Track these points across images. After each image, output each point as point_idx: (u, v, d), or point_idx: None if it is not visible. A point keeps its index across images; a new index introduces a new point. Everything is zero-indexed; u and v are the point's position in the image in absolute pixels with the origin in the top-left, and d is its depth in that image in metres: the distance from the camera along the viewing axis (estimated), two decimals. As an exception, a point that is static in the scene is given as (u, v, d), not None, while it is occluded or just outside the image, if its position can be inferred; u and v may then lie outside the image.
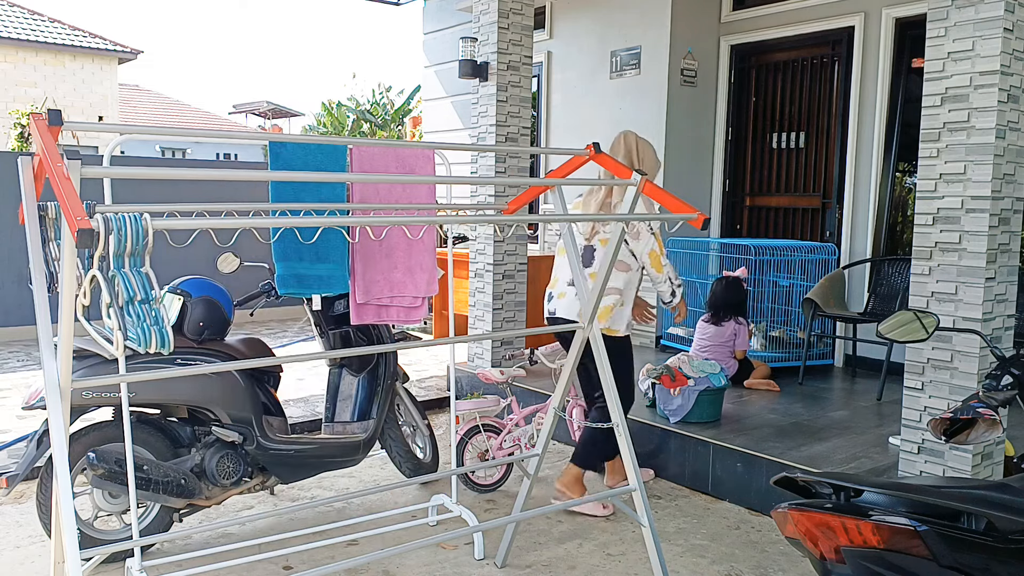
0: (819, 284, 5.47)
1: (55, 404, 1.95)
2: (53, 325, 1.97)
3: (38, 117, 1.91)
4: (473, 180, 2.83)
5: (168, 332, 1.75)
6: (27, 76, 17.79)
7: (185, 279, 3.46)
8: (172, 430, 3.36)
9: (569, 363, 3.03)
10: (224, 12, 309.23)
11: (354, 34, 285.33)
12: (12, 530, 3.58)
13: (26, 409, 3.15)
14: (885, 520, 1.59)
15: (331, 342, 3.78)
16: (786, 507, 1.76)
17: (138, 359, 3.10)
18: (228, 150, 27.38)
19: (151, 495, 3.07)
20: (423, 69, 9.10)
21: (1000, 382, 2.20)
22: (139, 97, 26.43)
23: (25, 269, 6.91)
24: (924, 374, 3.44)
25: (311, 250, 3.12)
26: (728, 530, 3.65)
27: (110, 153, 2.83)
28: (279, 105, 24.89)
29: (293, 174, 2.78)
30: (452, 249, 3.61)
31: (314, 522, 3.63)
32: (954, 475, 3.36)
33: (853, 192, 5.92)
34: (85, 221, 1.61)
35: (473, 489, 4.05)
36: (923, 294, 3.43)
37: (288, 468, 3.50)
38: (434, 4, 8.76)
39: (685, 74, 6.49)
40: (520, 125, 5.64)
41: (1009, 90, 3.24)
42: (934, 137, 3.40)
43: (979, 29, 3.22)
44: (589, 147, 2.85)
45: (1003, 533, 1.59)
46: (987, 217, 3.25)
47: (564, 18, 7.42)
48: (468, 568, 3.27)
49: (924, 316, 2.41)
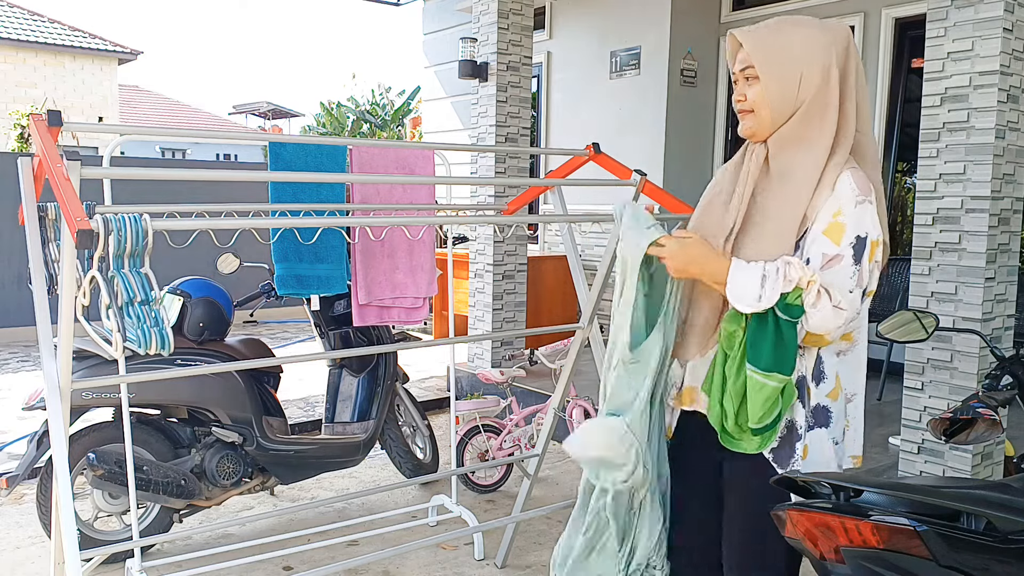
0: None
1: (55, 405, 1.95)
2: (53, 326, 1.97)
3: (38, 118, 1.91)
4: (473, 180, 2.83)
5: (168, 333, 1.75)
6: (27, 77, 17.78)
7: (185, 280, 3.46)
8: (172, 431, 3.36)
9: (569, 363, 3.03)
10: (224, 12, 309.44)
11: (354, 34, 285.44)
12: (12, 530, 3.58)
13: (26, 410, 3.15)
14: (885, 520, 1.59)
15: (331, 342, 3.78)
16: (786, 507, 1.76)
17: (138, 360, 3.10)
18: (228, 150, 27.39)
19: (151, 496, 3.07)
20: (423, 69, 9.10)
21: (1000, 382, 2.20)
22: (139, 97, 26.43)
23: (25, 270, 6.91)
24: (924, 374, 3.44)
25: (311, 250, 3.12)
26: (728, 530, 3.65)
27: (110, 154, 2.83)
28: (279, 106, 24.89)
29: (293, 174, 2.78)
30: (452, 249, 3.61)
31: (314, 522, 3.63)
32: (954, 475, 3.36)
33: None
34: (85, 222, 1.61)
35: (473, 489, 4.05)
36: (923, 294, 3.43)
37: (288, 468, 3.50)
38: (434, 4, 8.76)
39: (685, 74, 6.49)
40: (520, 125, 5.64)
41: (1008, 90, 3.24)
42: (934, 137, 3.40)
43: (979, 29, 3.22)
44: (589, 147, 2.85)
45: (1003, 533, 1.59)
46: (987, 217, 3.25)
47: (564, 18, 7.42)
48: (468, 568, 3.27)
49: (924, 316, 2.41)
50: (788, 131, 1.75)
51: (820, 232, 1.68)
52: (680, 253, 1.73)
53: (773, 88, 1.73)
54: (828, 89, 1.72)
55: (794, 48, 1.73)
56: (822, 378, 1.77)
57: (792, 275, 1.62)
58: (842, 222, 1.67)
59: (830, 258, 1.66)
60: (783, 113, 1.74)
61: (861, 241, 1.67)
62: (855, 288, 1.66)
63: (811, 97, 1.72)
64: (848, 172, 1.70)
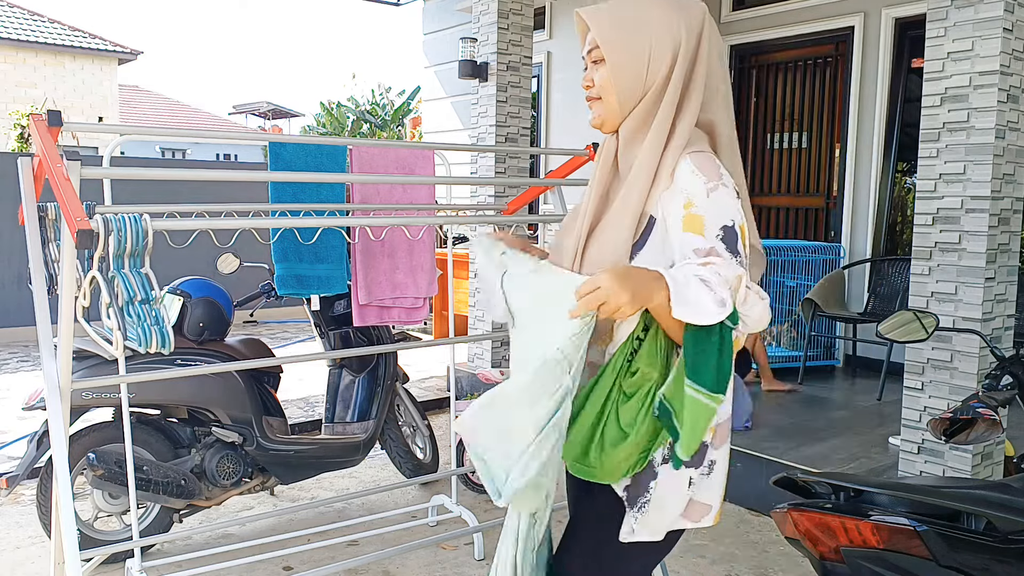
0: (819, 284, 5.46)
1: (55, 405, 1.95)
2: (53, 326, 1.97)
3: (38, 118, 1.91)
4: (473, 180, 2.84)
5: (169, 332, 1.75)
6: (27, 77, 17.78)
7: (185, 280, 3.46)
8: (172, 431, 3.36)
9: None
10: (224, 12, 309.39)
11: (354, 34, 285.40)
12: (12, 531, 3.58)
13: (26, 410, 3.15)
14: (885, 520, 1.59)
15: (331, 342, 3.78)
16: (786, 507, 1.76)
17: (138, 360, 3.10)
18: (228, 150, 27.39)
19: (151, 496, 3.07)
20: (423, 69, 9.10)
21: (1000, 382, 2.20)
22: (139, 97, 26.43)
23: (25, 270, 6.92)
24: (924, 374, 3.44)
25: (311, 250, 3.12)
26: (728, 530, 3.65)
27: (110, 154, 2.83)
28: (279, 105, 24.90)
29: (293, 174, 2.78)
30: (452, 249, 3.61)
31: (314, 522, 3.63)
32: (954, 475, 3.37)
33: (853, 192, 5.92)
34: (85, 222, 1.61)
35: (473, 489, 4.05)
36: (923, 294, 3.43)
37: (288, 468, 3.50)
38: (434, 4, 8.76)
39: (685, 74, 6.48)
40: (520, 125, 5.64)
41: (1008, 90, 3.24)
42: (934, 137, 3.40)
43: (978, 29, 3.22)
44: (589, 147, 2.85)
45: (1003, 533, 1.59)
46: (987, 217, 3.25)
47: (564, 18, 7.41)
48: (468, 568, 3.27)
49: (924, 316, 2.41)
50: (636, 119, 1.56)
51: (680, 231, 1.46)
52: (618, 288, 1.33)
53: (619, 71, 1.54)
54: (676, 71, 1.53)
55: (642, 26, 1.53)
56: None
57: (727, 273, 1.36)
58: (697, 213, 1.45)
59: (705, 252, 1.42)
60: (631, 98, 1.55)
61: (730, 230, 1.43)
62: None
63: (660, 80, 1.53)
64: (688, 157, 1.49)
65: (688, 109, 1.53)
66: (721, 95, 1.59)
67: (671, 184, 1.49)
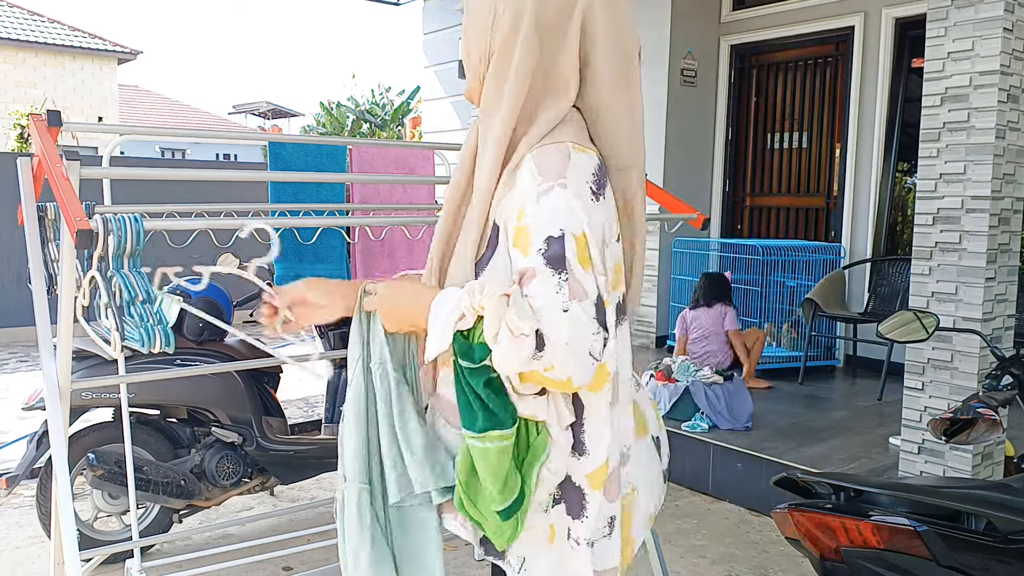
0: (819, 284, 5.47)
1: (54, 405, 1.95)
2: (52, 326, 1.97)
3: (37, 118, 1.91)
4: (473, 180, 2.83)
5: (170, 331, 1.75)
6: (27, 77, 17.78)
7: (185, 280, 3.46)
8: (172, 431, 3.36)
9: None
10: (224, 12, 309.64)
11: (354, 34, 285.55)
12: (12, 531, 3.58)
13: (26, 410, 3.15)
14: (885, 520, 1.59)
15: (331, 343, 3.78)
16: (786, 507, 1.76)
17: (138, 360, 3.09)
18: (228, 150, 27.38)
19: (151, 496, 3.07)
20: (423, 69, 9.09)
21: (1000, 382, 2.20)
22: (139, 97, 26.43)
23: (24, 270, 6.92)
24: (924, 374, 3.44)
25: (311, 250, 3.12)
26: (728, 530, 3.65)
27: (109, 154, 2.82)
28: (279, 105, 24.91)
29: (293, 174, 2.79)
30: (452, 249, 3.61)
31: (314, 522, 3.62)
32: (954, 475, 3.36)
33: (853, 192, 5.92)
34: (84, 222, 1.61)
35: (473, 489, 4.05)
36: (923, 294, 3.43)
37: (288, 469, 3.50)
38: (434, 4, 8.76)
39: (685, 74, 6.49)
40: (520, 125, 5.64)
41: (1009, 90, 3.24)
42: (934, 137, 3.40)
43: (979, 29, 3.22)
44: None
45: (1003, 533, 1.59)
46: (987, 217, 3.25)
47: (564, 18, 7.41)
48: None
49: (924, 316, 2.40)
50: (487, 96, 1.29)
51: (511, 246, 1.21)
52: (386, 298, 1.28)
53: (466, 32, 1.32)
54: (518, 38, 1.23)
55: None
56: (583, 449, 1.27)
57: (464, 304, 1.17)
58: (525, 224, 1.18)
59: (522, 274, 1.17)
60: (477, 69, 1.32)
61: (556, 242, 1.15)
62: (570, 304, 1.12)
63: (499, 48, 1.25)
64: (535, 152, 1.21)
65: (553, 91, 1.25)
66: (609, 74, 1.27)
67: (513, 186, 1.23)
